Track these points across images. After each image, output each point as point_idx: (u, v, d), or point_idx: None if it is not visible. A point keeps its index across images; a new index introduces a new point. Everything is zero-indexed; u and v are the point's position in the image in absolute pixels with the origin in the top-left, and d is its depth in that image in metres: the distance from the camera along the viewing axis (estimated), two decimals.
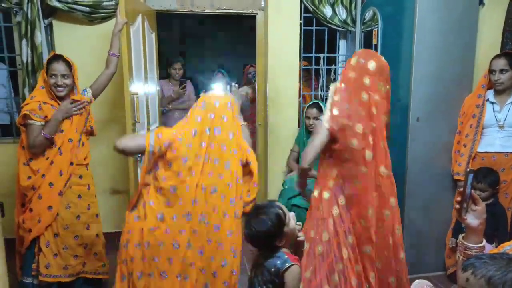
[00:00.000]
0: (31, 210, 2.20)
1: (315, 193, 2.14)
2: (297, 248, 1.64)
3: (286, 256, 1.53)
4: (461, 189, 1.35)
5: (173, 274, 1.80)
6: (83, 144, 2.34)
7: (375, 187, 2.03)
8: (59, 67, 2.22)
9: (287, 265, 1.50)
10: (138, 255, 1.81)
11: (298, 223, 1.63)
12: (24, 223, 2.21)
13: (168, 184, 1.78)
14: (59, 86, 2.22)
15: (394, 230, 2.05)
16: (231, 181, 1.82)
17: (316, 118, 3.10)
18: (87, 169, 2.39)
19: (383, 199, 2.03)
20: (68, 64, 2.26)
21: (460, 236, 1.40)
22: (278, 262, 1.51)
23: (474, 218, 1.34)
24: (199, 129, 1.81)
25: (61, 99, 2.26)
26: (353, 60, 2.08)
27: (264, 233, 1.50)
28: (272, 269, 1.50)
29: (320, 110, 3.09)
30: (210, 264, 1.84)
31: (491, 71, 2.64)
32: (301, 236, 1.63)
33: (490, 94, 2.70)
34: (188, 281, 1.82)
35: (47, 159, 2.21)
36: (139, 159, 2.74)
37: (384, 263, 2.04)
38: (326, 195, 2.09)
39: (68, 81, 2.25)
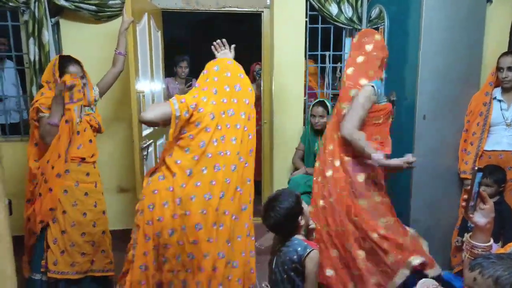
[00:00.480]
0: (40, 194, 2.21)
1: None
2: (309, 236, 1.68)
3: (305, 242, 1.60)
4: (468, 187, 1.34)
5: (208, 224, 1.84)
6: (90, 141, 2.35)
7: None
8: (76, 70, 2.27)
9: (308, 250, 1.56)
10: (167, 213, 1.84)
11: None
12: (34, 215, 2.22)
13: (196, 141, 1.83)
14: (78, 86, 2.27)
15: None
16: (251, 132, 1.98)
17: (321, 117, 3.09)
18: (94, 167, 2.41)
19: None
20: (80, 64, 2.30)
21: (467, 235, 1.39)
22: (299, 248, 1.57)
23: (481, 217, 1.33)
24: (219, 88, 1.89)
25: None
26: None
27: (287, 210, 1.57)
28: (294, 257, 1.56)
29: (326, 108, 3.08)
30: (240, 211, 1.92)
31: (498, 69, 2.62)
32: (312, 224, 1.69)
33: (497, 92, 2.68)
34: (223, 228, 1.87)
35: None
36: (145, 157, 2.76)
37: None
38: None
39: (85, 80, 2.31)
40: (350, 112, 2.16)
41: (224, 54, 2.09)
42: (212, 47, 2.14)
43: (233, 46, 2.14)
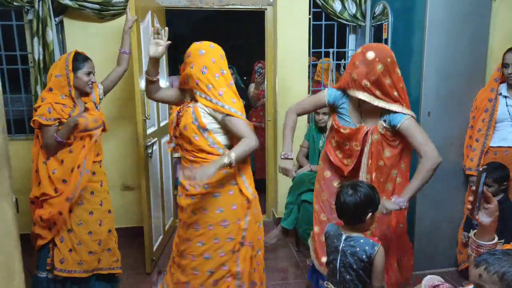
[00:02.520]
0: (50, 212, 2.22)
1: None
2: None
3: (370, 240, 1.62)
4: (474, 187, 1.33)
5: None
6: (95, 141, 2.36)
7: None
8: (92, 65, 2.32)
9: (376, 248, 1.57)
10: None
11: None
12: (42, 221, 2.23)
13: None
14: (93, 82, 2.33)
15: None
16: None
17: (325, 114, 3.09)
18: (100, 166, 2.42)
19: None
20: (92, 62, 2.35)
21: (472, 233, 1.39)
22: (367, 247, 1.58)
23: (486, 216, 1.33)
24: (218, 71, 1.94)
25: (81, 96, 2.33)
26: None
27: (366, 197, 1.59)
28: (364, 256, 1.57)
29: None
30: None
31: (504, 65, 2.60)
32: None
33: (503, 88, 2.66)
34: None
35: (62, 161, 2.23)
36: (150, 155, 2.77)
37: None
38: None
39: (94, 79, 2.35)
40: None
41: None
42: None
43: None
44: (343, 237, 1.66)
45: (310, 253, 2.97)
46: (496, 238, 1.35)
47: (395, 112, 1.94)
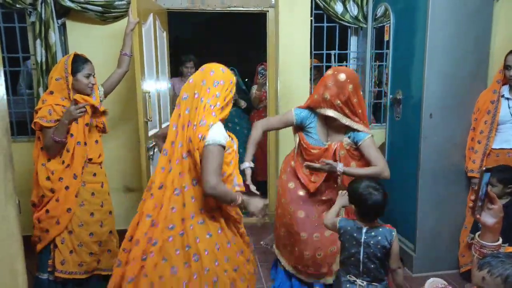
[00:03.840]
0: (47, 211, 2.23)
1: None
2: None
3: (386, 227, 1.77)
4: (476, 187, 1.33)
5: None
6: (96, 141, 2.37)
7: None
8: (92, 67, 2.31)
9: (394, 233, 1.74)
10: None
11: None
12: (40, 223, 2.24)
13: None
14: (93, 84, 2.33)
15: None
16: None
17: None
18: (101, 167, 2.42)
19: None
20: (92, 64, 2.35)
21: (476, 234, 1.39)
22: (387, 234, 1.73)
23: (490, 217, 1.33)
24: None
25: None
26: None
27: (385, 192, 1.73)
28: (386, 243, 1.71)
29: None
30: None
31: (506, 67, 2.60)
32: None
33: (505, 90, 2.66)
34: None
35: (63, 162, 2.24)
36: (151, 157, 2.77)
37: None
38: None
39: (94, 81, 2.34)
40: None
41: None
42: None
43: None
44: (364, 230, 1.75)
45: None
46: (501, 240, 1.34)
47: (359, 130, 2.19)
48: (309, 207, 2.32)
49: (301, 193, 2.33)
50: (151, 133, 2.83)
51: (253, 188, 2.13)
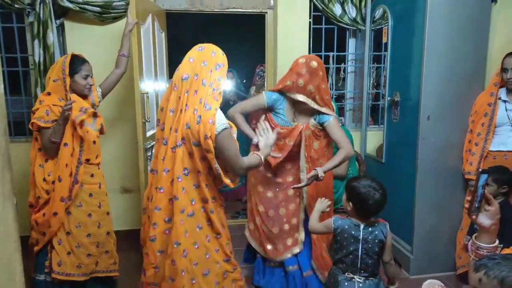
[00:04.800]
0: (44, 214, 2.23)
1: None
2: None
3: (380, 221, 1.82)
4: (473, 188, 1.34)
5: None
6: (94, 142, 2.36)
7: None
8: (90, 68, 2.31)
9: (387, 226, 1.80)
10: None
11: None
12: (37, 225, 2.24)
13: None
14: (91, 85, 2.33)
15: None
16: None
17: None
18: (98, 168, 2.41)
19: None
20: (89, 64, 2.35)
21: (473, 236, 1.39)
22: (382, 228, 1.79)
23: (486, 218, 1.33)
24: None
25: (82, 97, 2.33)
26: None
27: (385, 189, 1.76)
28: (382, 236, 1.77)
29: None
30: None
31: (503, 70, 2.61)
32: None
33: (502, 93, 2.67)
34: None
35: (56, 163, 2.24)
36: (149, 158, 2.77)
37: None
38: None
39: (91, 82, 2.34)
40: None
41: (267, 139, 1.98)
42: (257, 131, 2.08)
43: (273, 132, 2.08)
44: (362, 227, 1.79)
45: None
46: (497, 242, 1.35)
47: (324, 113, 2.35)
48: (275, 187, 2.46)
49: (269, 174, 2.46)
50: (149, 134, 2.83)
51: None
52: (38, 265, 2.31)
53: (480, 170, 1.32)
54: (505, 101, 2.65)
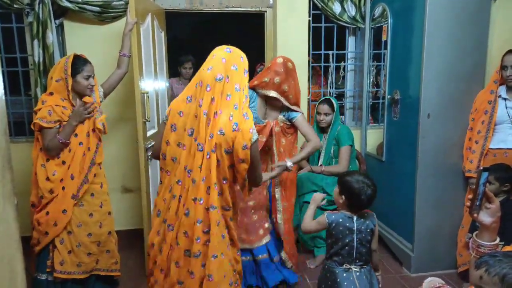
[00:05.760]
0: (47, 213, 2.23)
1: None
2: None
3: (368, 211, 1.93)
4: (473, 186, 1.34)
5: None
6: (97, 145, 2.37)
7: None
8: (92, 68, 2.31)
9: (375, 216, 1.94)
10: None
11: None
12: (39, 225, 2.24)
13: None
14: (92, 86, 2.32)
15: None
16: None
17: (326, 114, 3.11)
18: (100, 168, 2.42)
19: None
20: (91, 64, 2.34)
21: (474, 233, 1.39)
22: (371, 218, 1.91)
23: (487, 216, 1.33)
24: None
25: (80, 99, 2.33)
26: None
27: (376, 194, 1.85)
28: (372, 226, 1.88)
29: (331, 106, 3.10)
30: None
31: (503, 67, 2.61)
32: None
33: (502, 90, 2.67)
34: None
35: (63, 163, 2.24)
36: (150, 157, 2.76)
37: None
38: None
39: (93, 82, 2.34)
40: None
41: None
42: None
43: None
44: (355, 219, 1.88)
45: (310, 255, 2.99)
46: (498, 239, 1.35)
47: (293, 110, 2.53)
48: None
49: None
50: (149, 133, 2.83)
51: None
52: (40, 265, 2.32)
53: (481, 168, 1.33)
54: (505, 99, 2.65)
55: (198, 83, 1.57)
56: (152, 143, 2.82)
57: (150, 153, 2.78)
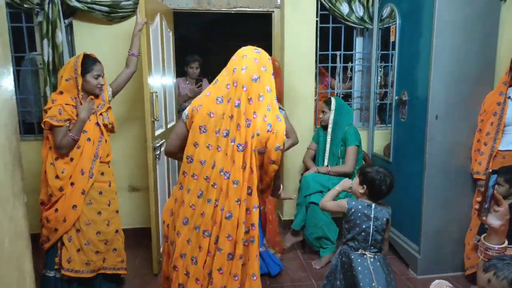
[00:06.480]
0: (56, 210, 2.25)
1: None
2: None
3: (384, 203, 2.04)
4: (482, 188, 1.33)
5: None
6: (105, 141, 2.38)
7: None
8: (101, 68, 2.34)
9: (390, 208, 2.03)
10: None
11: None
12: (48, 222, 2.26)
13: None
14: (102, 85, 2.35)
15: None
16: None
17: (324, 112, 3.18)
18: (109, 167, 2.44)
19: None
20: (101, 64, 2.37)
21: (482, 236, 1.38)
22: (386, 209, 2.00)
23: (496, 219, 1.32)
24: None
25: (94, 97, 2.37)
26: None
27: (393, 184, 2.00)
28: (388, 216, 1.99)
29: (328, 104, 3.16)
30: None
31: (511, 69, 2.58)
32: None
33: (511, 92, 2.64)
34: None
35: (71, 160, 2.26)
36: (158, 156, 2.78)
37: None
38: None
39: (103, 81, 2.36)
40: None
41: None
42: None
43: None
44: (373, 206, 1.99)
45: (316, 256, 2.99)
46: (506, 242, 1.34)
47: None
48: None
49: None
50: (158, 132, 2.84)
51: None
52: (48, 262, 2.34)
53: (490, 170, 1.31)
54: None
55: (231, 83, 1.54)
56: (160, 142, 2.83)
57: (158, 152, 2.79)
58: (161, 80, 2.96)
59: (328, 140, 3.18)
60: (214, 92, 1.59)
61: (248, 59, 1.56)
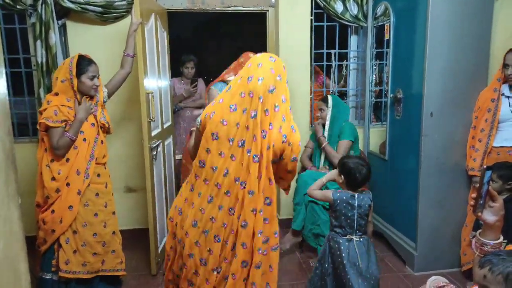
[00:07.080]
0: (53, 211, 2.24)
1: None
2: None
3: (364, 190, 2.22)
4: (477, 185, 1.34)
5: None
6: (101, 142, 2.37)
7: None
8: (96, 69, 2.32)
9: (370, 193, 2.20)
10: None
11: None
12: (45, 224, 2.25)
13: None
14: (97, 86, 2.34)
15: None
16: None
17: (321, 110, 3.19)
18: (105, 168, 2.43)
19: None
20: (96, 65, 2.36)
21: (477, 232, 1.39)
22: (368, 195, 2.17)
23: (491, 215, 1.33)
24: None
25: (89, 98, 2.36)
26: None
27: (371, 173, 2.17)
28: (370, 201, 2.16)
29: (325, 102, 3.17)
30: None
31: (504, 65, 2.60)
32: None
33: (505, 88, 2.66)
34: None
35: (67, 160, 2.25)
36: (154, 157, 2.77)
37: None
38: None
39: (98, 82, 2.35)
40: None
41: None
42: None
43: None
44: (356, 196, 2.14)
45: (313, 254, 2.99)
46: (501, 238, 1.34)
47: None
48: None
49: None
50: (154, 133, 2.83)
51: None
52: (45, 264, 2.33)
53: (484, 166, 1.32)
54: (508, 97, 2.64)
55: (246, 93, 1.54)
56: (157, 143, 2.82)
57: (154, 153, 2.78)
58: (157, 80, 2.95)
59: (326, 137, 3.18)
60: (228, 100, 1.59)
61: (264, 69, 1.55)
